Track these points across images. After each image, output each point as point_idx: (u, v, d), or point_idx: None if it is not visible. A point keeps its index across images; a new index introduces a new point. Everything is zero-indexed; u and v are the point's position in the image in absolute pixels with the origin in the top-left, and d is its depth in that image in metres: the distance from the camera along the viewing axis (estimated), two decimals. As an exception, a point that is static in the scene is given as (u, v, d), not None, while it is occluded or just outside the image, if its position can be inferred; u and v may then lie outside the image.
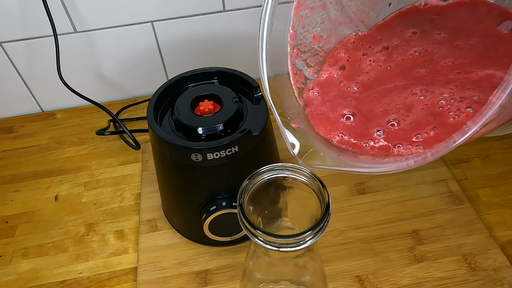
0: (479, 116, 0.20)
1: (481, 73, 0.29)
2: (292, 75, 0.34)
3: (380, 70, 0.33)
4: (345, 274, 0.47)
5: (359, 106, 0.32)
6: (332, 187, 0.56)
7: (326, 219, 0.30)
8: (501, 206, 0.53)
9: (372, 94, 0.32)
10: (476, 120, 0.20)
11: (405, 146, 0.28)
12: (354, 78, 0.34)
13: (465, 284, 0.45)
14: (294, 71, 0.34)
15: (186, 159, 0.42)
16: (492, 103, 0.19)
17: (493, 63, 0.29)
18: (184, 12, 0.66)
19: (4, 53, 0.65)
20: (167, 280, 0.48)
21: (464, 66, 0.30)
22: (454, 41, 0.32)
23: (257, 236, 0.30)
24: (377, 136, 0.29)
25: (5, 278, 0.50)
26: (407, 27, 0.34)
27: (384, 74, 0.33)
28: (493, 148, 0.60)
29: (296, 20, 0.34)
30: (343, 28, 0.36)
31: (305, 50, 0.35)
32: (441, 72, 0.31)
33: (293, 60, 0.34)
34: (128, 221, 0.55)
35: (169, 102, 0.48)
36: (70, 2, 0.62)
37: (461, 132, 0.21)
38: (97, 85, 0.72)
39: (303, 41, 0.34)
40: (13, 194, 0.60)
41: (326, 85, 0.34)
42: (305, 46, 0.35)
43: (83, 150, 0.66)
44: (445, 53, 0.32)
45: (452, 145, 0.22)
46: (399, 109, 0.30)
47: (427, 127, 0.27)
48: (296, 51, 0.34)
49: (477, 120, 0.20)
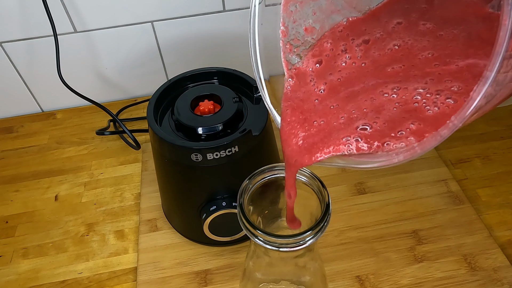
0: (461, 111, 0.20)
1: (461, 63, 0.28)
2: (287, 71, 0.34)
3: (353, 68, 0.33)
4: (345, 274, 0.47)
5: (320, 115, 0.31)
6: (332, 187, 0.56)
7: (326, 219, 0.30)
8: (501, 206, 0.53)
9: (335, 103, 0.31)
10: (459, 115, 0.20)
11: (394, 141, 0.27)
12: (325, 77, 0.33)
13: (465, 284, 0.45)
14: (288, 67, 0.34)
15: (186, 159, 0.42)
16: (473, 98, 0.19)
17: (476, 51, 0.28)
18: (184, 12, 0.66)
19: (4, 53, 0.65)
20: (167, 280, 0.48)
21: (444, 58, 0.29)
22: (438, 31, 0.31)
23: (257, 236, 0.30)
24: (353, 141, 0.28)
25: (5, 278, 0.50)
26: (393, 17, 0.33)
27: (355, 73, 0.32)
28: (493, 148, 0.60)
29: (286, 16, 0.33)
30: (336, 16, 0.34)
31: (298, 44, 0.34)
32: (418, 66, 0.30)
33: (286, 56, 0.34)
34: (128, 221, 0.55)
35: (169, 102, 0.48)
36: (70, 2, 0.62)
37: (446, 127, 0.21)
38: (97, 85, 0.72)
39: (295, 36, 0.34)
40: (13, 194, 0.60)
41: (300, 78, 0.34)
42: (298, 40, 0.34)
43: (83, 150, 0.66)
44: (425, 45, 0.31)
45: (440, 139, 0.21)
46: (366, 113, 0.29)
47: (405, 124, 0.27)
48: (289, 47, 0.34)
49: (460, 116, 0.20)
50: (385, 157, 0.25)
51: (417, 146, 0.23)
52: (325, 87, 0.32)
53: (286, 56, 0.34)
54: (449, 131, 0.21)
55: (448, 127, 0.21)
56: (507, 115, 0.65)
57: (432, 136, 0.22)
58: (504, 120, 0.64)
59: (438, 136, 0.21)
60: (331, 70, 0.33)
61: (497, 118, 0.64)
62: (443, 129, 0.21)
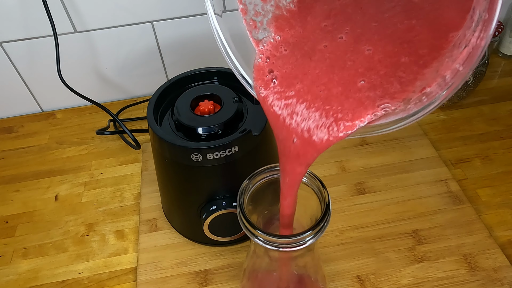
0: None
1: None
2: (258, 49, 0.33)
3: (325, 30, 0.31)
4: (345, 274, 0.47)
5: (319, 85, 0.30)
6: (332, 187, 0.56)
7: (326, 219, 0.30)
8: (501, 206, 0.53)
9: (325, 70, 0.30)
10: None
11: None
12: (299, 48, 0.32)
13: (465, 284, 0.45)
14: (258, 46, 0.33)
15: (186, 159, 0.42)
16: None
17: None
18: (184, 12, 0.66)
19: (4, 53, 0.65)
20: (167, 280, 0.48)
21: None
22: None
23: (257, 236, 0.30)
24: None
25: (5, 278, 0.50)
26: None
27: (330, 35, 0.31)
28: (493, 148, 0.60)
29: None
30: None
31: (260, 18, 0.33)
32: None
33: (253, 34, 0.33)
34: (128, 221, 0.55)
35: (169, 102, 0.48)
36: (70, 2, 0.62)
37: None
38: (97, 85, 0.72)
39: (254, 9, 0.33)
40: (13, 194, 0.60)
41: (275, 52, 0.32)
42: (259, 13, 0.33)
43: (83, 150, 0.66)
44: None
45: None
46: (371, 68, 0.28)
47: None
48: (253, 23, 0.33)
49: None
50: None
51: (460, 66, 0.22)
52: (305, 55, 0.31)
53: (253, 34, 0.33)
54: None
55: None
56: (507, 115, 0.65)
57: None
58: (504, 120, 0.64)
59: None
60: (303, 40, 0.32)
61: (497, 118, 0.64)
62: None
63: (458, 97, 0.63)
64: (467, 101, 0.67)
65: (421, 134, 0.62)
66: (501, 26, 0.72)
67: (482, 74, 0.62)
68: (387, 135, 0.62)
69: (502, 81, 0.71)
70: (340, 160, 0.59)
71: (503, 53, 0.75)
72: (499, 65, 0.74)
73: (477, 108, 0.66)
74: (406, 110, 0.25)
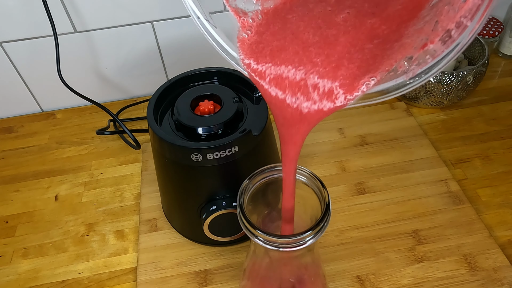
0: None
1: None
2: (239, 19, 0.31)
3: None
4: (345, 274, 0.47)
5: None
6: (332, 187, 0.56)
7: (326, 219, 0.30)
8: (501, 206, 0.53)
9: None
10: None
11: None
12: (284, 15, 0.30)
13: (465, 284, 0.45)
14: (239, 15, 0.31)
15: (186, 159, 0.42)
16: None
17: None
18: (184, 12, 0.66)
19: (4, 53, 0.65)
20: (167, 280, 0.48)
21: None
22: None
23: (257, 236, 0.30)
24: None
25: (5, 278, 0.50)
26: None
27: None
28: (493, 148, 0.60)
29: None
30: None
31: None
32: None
33: (231, 3, 0.31)
34: (128, 221, 0.55)
35: (169, 102, 0.48)
36: (70, 2, 0.62)
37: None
38: (97, 85, 0.72)
39: None
40: (13, 194, 0.60)
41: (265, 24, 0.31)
42: None
43: (83, 150, 0.66)
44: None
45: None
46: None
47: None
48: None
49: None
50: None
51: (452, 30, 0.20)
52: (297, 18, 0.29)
53: (231, 3, 0.31)
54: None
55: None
56: (507, 115, 0.65)
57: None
58: (504, 120, 0.64)
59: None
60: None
61: (497, 118, 0.64)
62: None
63: (458, 97, 0.63)
64: (467, 101, 0.67)
65: (421, 134, 0.62)
66: (501, 26, 0.72)
67: (482, 74, 0.62)
68: (387, 135, 0.62)
69: (502, 81, 0.71)
70: (340, 160, 0.59)
71: (503, 53, 0.75)
72: (499, 65, 0.74)
73: (477, 108, 0.66)
74: (410, 71, 0.23)
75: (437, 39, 0.22)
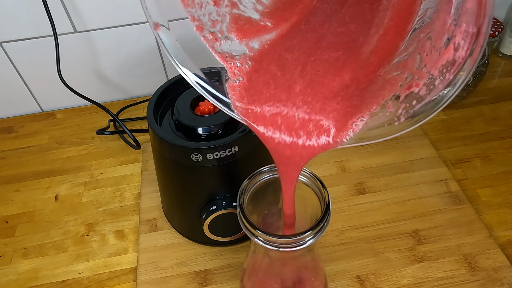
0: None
1: None
2: (226, 64, 0.31)
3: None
4: (345, 274, 0.47)
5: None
6: (332, 187, 0.56)
7: (326, 219, 0.30)
8: (501, 206, 0.53)
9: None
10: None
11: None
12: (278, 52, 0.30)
13: (465, 284, 0.45)
14: (225, 59, 0.31)
15: (186, 159, 0.42)
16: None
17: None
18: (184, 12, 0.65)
19: (4, 53, 0.65)
20: (167, 280, 0.48)
21: None
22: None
23: (257, 236, 0.30)
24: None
25: (5, 278, 0.50)
26: None
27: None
28: (493, 148, 0.60)
29: (190, 7, 0.30)
30: None
31: (218, 26, 0.30)
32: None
33: (216, 48, 0.30)
34: (128, 221, 0.55)
35: (169, 102, 0.48)
36: (70, 2, 0.62)
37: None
38: (97, 85, 0.72)
39: (210, 19, 0.30)
40: (13, 194, 0.60)
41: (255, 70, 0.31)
42: (215, 20, 0.30)
43: (83, 150, 0.66)
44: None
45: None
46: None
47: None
48: (212, 36, 0.30)
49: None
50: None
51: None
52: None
53: (216, 48, 0.30)
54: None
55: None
56: (507, 115, 0.65)
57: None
58: (504, 120, 0.64)
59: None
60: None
61: (497, 118, 0.64)
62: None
63: (458, 97, 0.63)
64: (467, 101, 0.67)
65: (421, 134, 0.62)
66: (501, 26, 0.72)
67: (482, 74, 0.62)
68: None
69: (502, 81, 0.71)
70: (340, 160, 0.59)
71: (503, 53, 0.75)
72: (499, 65, 0.74)
73: (477, 108, 0.66)
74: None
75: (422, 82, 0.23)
